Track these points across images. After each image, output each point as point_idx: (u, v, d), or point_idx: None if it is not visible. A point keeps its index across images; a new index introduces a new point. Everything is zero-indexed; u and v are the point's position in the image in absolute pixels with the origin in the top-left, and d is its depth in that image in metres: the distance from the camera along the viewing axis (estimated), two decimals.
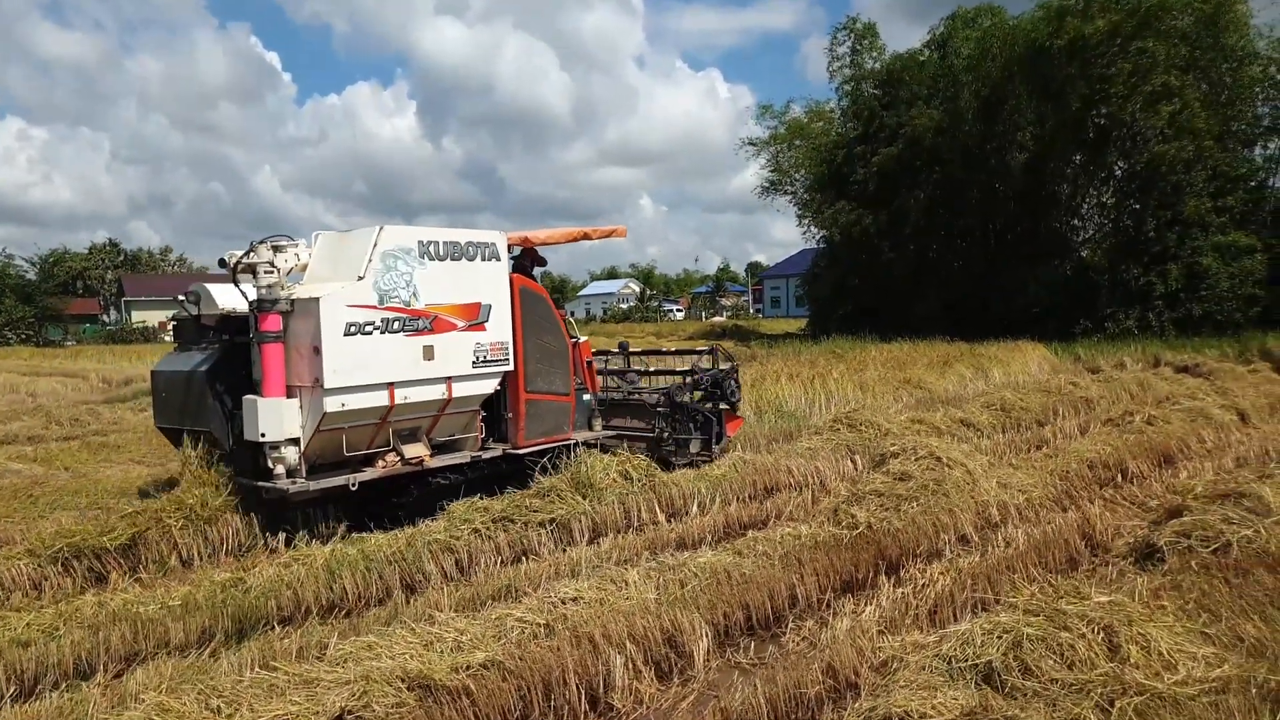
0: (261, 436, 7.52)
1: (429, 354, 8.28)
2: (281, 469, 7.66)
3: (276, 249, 7.82)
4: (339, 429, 7.84)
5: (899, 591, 6.37)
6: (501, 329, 8.96)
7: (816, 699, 4.65)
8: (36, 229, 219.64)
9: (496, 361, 8.91)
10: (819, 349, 26.41)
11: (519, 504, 8.10)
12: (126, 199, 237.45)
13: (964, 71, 37.71)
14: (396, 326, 7.99)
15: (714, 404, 11.60)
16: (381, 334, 7.87)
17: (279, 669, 4.66)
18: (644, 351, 14.23)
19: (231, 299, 8.13)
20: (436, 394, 8.43)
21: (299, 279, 8.26)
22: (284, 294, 7.70)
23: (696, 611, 5.62)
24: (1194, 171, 30.61)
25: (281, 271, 7.79)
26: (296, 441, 7.72)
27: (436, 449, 8.82)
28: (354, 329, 7.66)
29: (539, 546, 7.65)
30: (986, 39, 36.48)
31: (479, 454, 9.06)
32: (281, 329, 7.65)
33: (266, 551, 7.78)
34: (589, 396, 10.48)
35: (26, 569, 6.85)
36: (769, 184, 48.63)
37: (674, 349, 15.10)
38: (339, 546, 7.36)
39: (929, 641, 4.77)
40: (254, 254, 7.72)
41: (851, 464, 10.69)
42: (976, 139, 36.50)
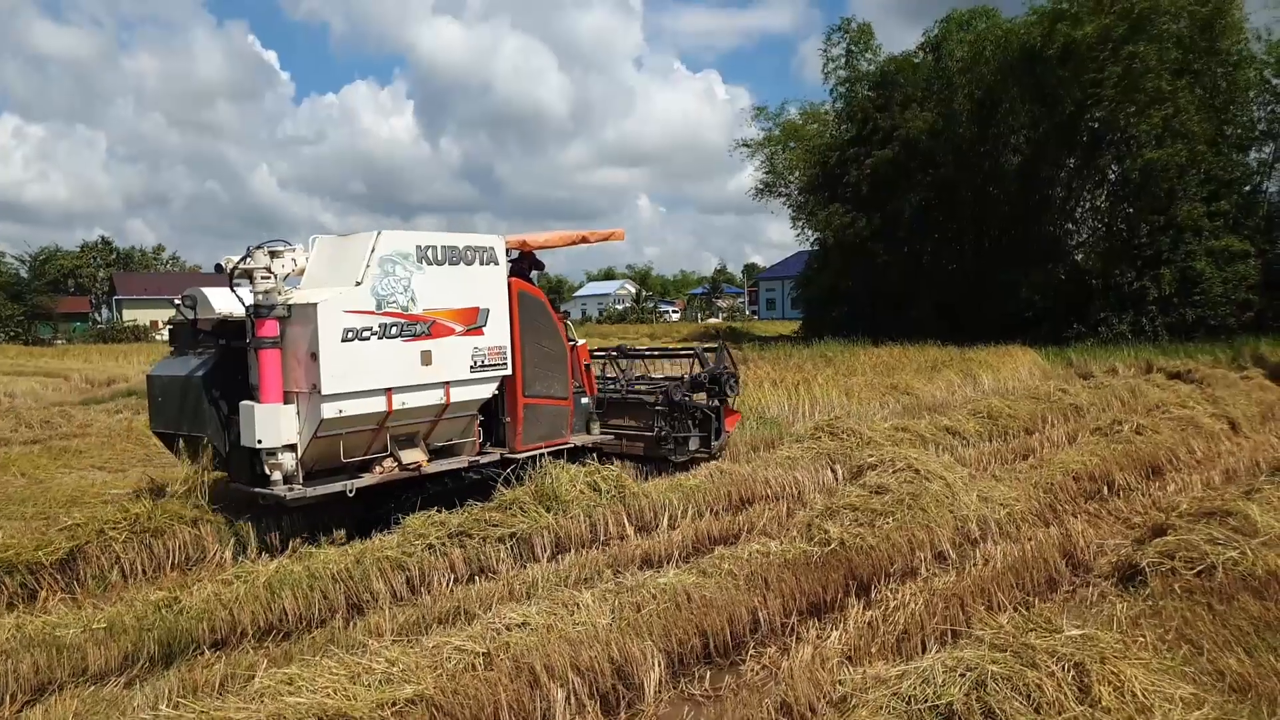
0: (258, 443, 7.44)
1: (427, 359, 8.20)
2: (279, 475, 7.58)
3: (273, 254, 7.75)
4: (336, 435, 7.76)
5: (869, 615, 6.06)
6: (499, 333, 8.89)
7: None
8: (33, 227, 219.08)
9: (494, 366, 8.85)
10: (809, 352, 26.08)
11: (478, 518, 7.77)
12: (123, 197, 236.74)
13: (958, 74, 37.39)
14: (394, 332, 7.92)
15: (712, 400, 11.57)
16: (379, 339, 7.81)
17: (184, 705, 4.32)
18: (647, 351, 14.06)
19: (228, 303, 8.03)
20: (434, 399, 8.35)
21: (296, 284, 8.19)
22: (281, 299, 7.63)
23: (650, 638, 5.30)
24: (1187, 176, 30.33)
25: (278, 276, 7.72)
26: (294, 448, 7.64)
27: (434, 454, 8.77)
28: (351, 334, 7.60)
29: (497, 564, 7.33)
30: (980, 42, 36.16)
31: (476, 458, 8.98)
32: (279, 334, 7.56)
33: (213, 565, 7.46)
34: (587, 400, 10.41)
35: None
36: (763, 186, 48.32)
37: (679, 346, 14.84)
38: (284, 563, 7.02)
39: (891, 675, 4.45)
40: (250, 259, 7.63)
41: (831, 474, 10.40)
42: (970, 142, 36.21)
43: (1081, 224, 37.16)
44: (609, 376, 12.51)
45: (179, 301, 8.47)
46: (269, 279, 7.59)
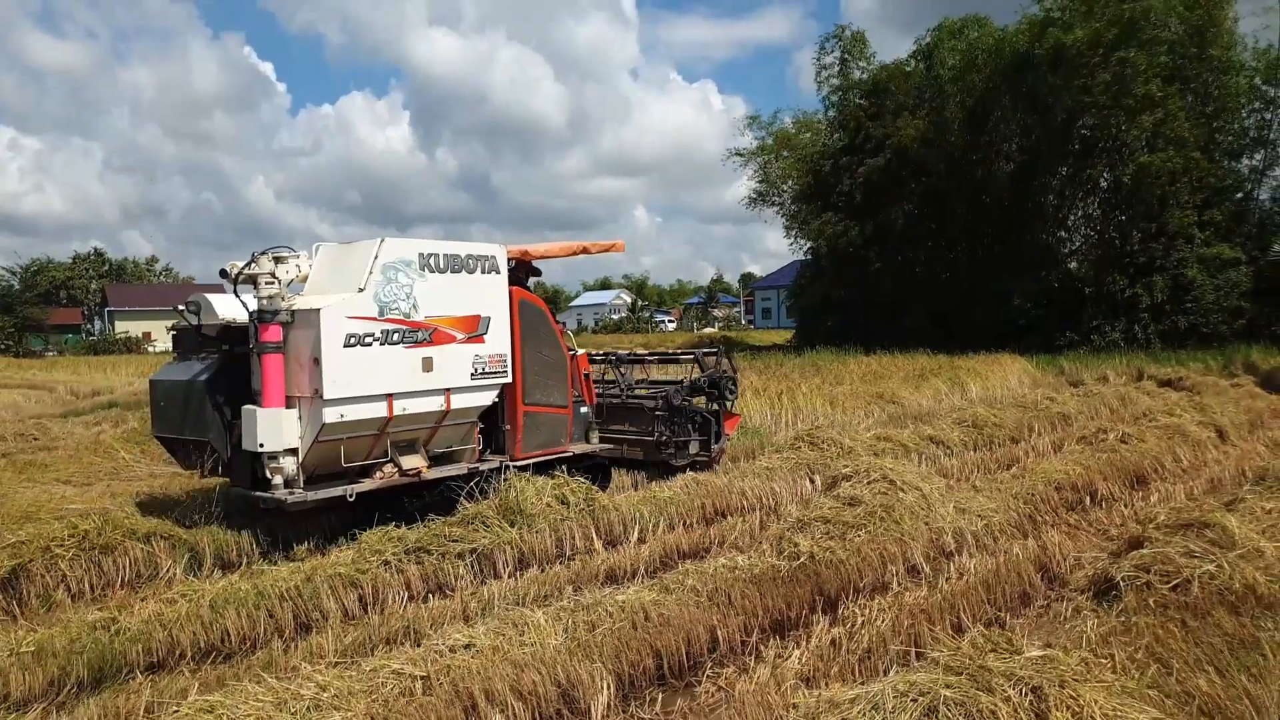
0: (260, 447, 7.47)
1: (428, 366, 8.24)
2: (280, 479, 7.59)
3: (278, 260, 7.78)
4: (338, 440, 7.77)
5: (834, 632, 5.85)
6: (500, 341, 8.93)
7: None
8: (29, 239, 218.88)
9: (495, 373, 8.87)
10: (800, 361, 25.91)
11: (438, 533, 7.55)
12: (119, 208, 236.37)
13: (950, 82, 37.30)
14: (396, 338, 7.95)
15: (711, 404, 11.58)
16: (381, 345, 7.83)
17: None
18: (647, 355, 13.91)
19: (232, 309, 8.06)
20: (435, 405, 8.39)
21: (299, 290, 8.22)
22: (285, 305, 7.65)
23: (600, 660, 5.09)
24: (1179, 183, 30.21)
25: (282, 282, 7.73)
26: (295, 452, 7.65)
27: (434, 460, 8.74)
28: (354, 340, 7.62)
29: (455, 581, 7.10)
30: (973, 50, 36.11)
31: (476, 465, 8.95)
32: (282, 340, 7.58)
33: (163, 583, 7.24)
34: (586, 409, 10.39)
35: None
36: (757, 195, 48.23)
37: (678, 347, 14.69)
38: (233, 580, 6.81)
39: (844, 700, 4.23)
40: (255, 264, 7.64)
41: (810, 485, 10.20)
42: (963, 150, 36.11)
43: (1074, 232, 37.02)
44: (608, 380, 12.45)
45: (183, 307, 8.50)
46: (273, 284, 7.60)
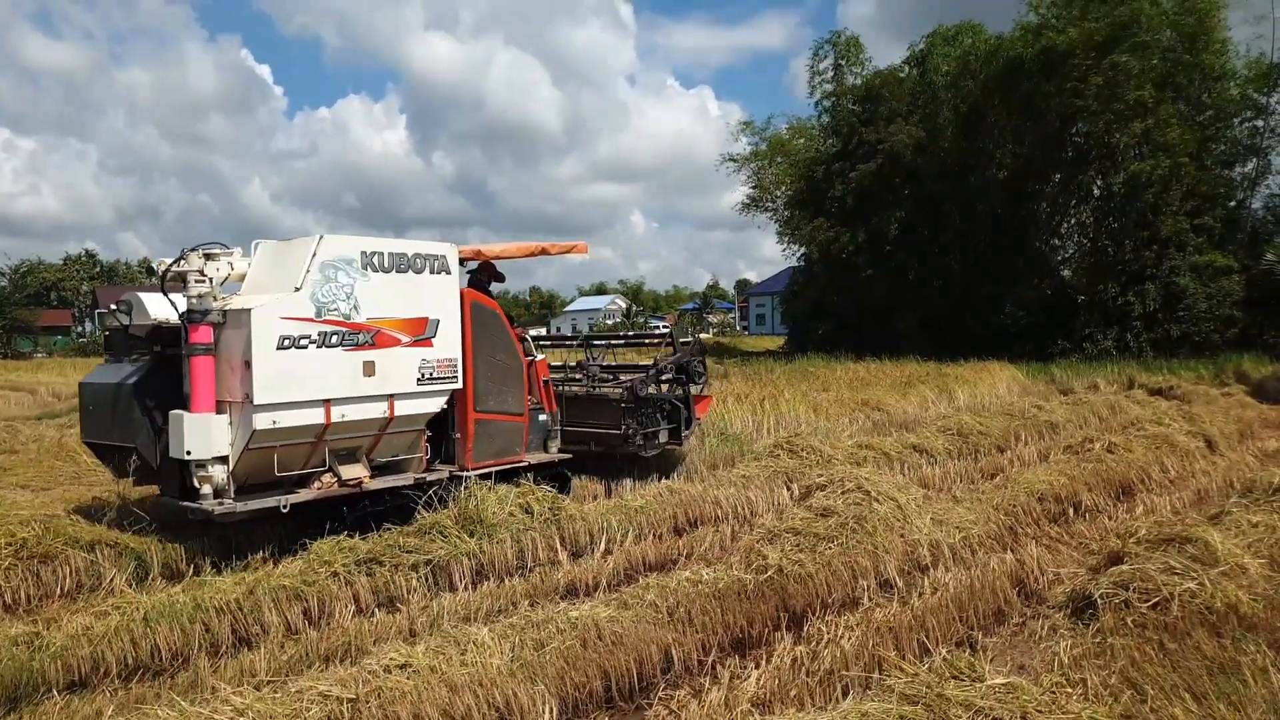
0: (187, 454, 7.09)
1: (369, 370, 7.84)
2: (208, 489, 7.23)
3: (208, 257, 7.41)
4: (270, 447, 7.38)
5: (797, 651, 5.55)
6: (450, 345, 8.51)
7: None
8: (24, 240, 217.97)
9: (444, 379, 8.46)
10: (789, 368, 25.63)
11: (392, 543, 7.25)
12: (115, 210, 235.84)
13: (944, 88, 37.13)
14: (335, 340, 7.57)
15: (681, 388, 11.27)
16: (318, 348, 7.45)
17: None
18: (606, 335, 13.68)
19: (164, 309, 7.68)
20: (377, 412, 7.98)
21: (238, 289, 7.88)
22: (217, 305, 7.30)
23: (543, 681, 4.80)
24: (1171, 190, 30.00)
25: (214, 281, 7.36)
26: (225, 460, 7.28)
27: (378, 470, 8.36)
28: (288, 342, 7.24)
29: (408, 594, 6.80)
30: (966, 56, 35.91)
31: (424, 476, 8.54)
32: (212, 341, 7.22)
33: (105, 594, 6.93)
34: (545, 416, 10.00)
35: None
36: (750, 201, 47.99)
37: (632, 333, 14.40)
38: (172, 592, 6.50)
39: None
40: (184, 262, 7.29)
41: (787, 493, 9.94)
42: (956, 156, 35.86)
43: (1067, 239, 36.79)
44: (573, 365, 12.23)
45: (114, 307, 8.14)
46: (203, 283, 7.24)
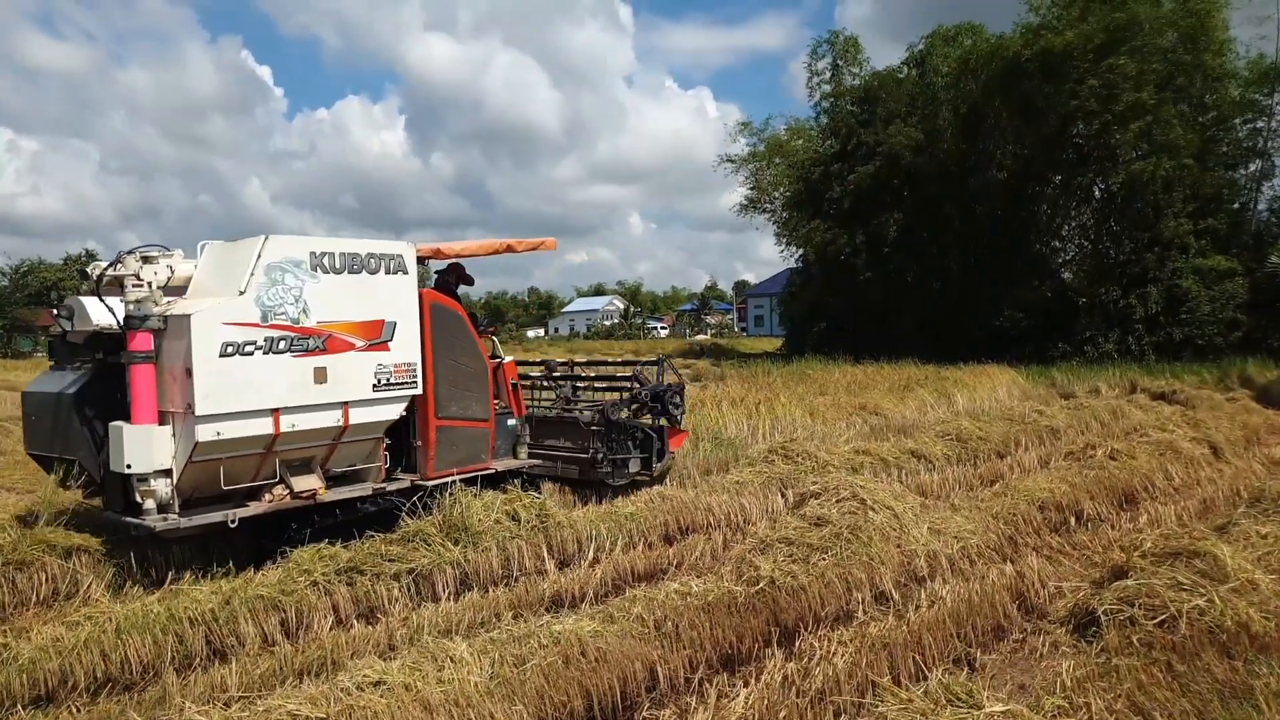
0: (128, 468, 6.72)
1: (321, 376, 7.43)
2: (151, 503, 6.85)
3: (146, 260, 7.01)
4: (215, 459, 6.99)
5: (788, 668, 5.33)
6: (408, 349, 8.11)
7: None
8: (26, 240, 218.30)
9: (402, 384, 8.06)
10: (786, 370, 25.42)
11: (374, 552, 7.04)
12: (116, 209, 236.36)
13: (943, 89, 36.95)
14: (282, 346, 7.18)
15: (655, 419, 10.86)
16: (265, 354, 7.07)
17: None
18: (584, 363, 13.36)
19: (105, 315, 7.31)
20: (330, 420, 7.57)
21: (183, 294, 7.47)
22: (157, 310, 6.92)
23: (521, 701, 4.59)
24: (1173, 192, 29.79)
25: (153, 285, 6.99)
26: (168, 473, 6.91)
27: (334, 480, 7.95)
28: (232, 349, 6.87)
29: (390, 604, 6.60)
30: (966, 56, 35.71)
31: (383, 485, 8.18)
32: (153, 349, 6.86)
33: (80, 602, 6.72)
34: (514, 421, 9.61)
35: None
36: (748, 202, 47.77)
37: (616, 360, 14.08)
38: (147, 602, 6.29)
39: None
40: (121, 265, 6.93)
41: (782, 500, 9.73)
42: (955, 158, 35.69)
43: (1068, 241, 36.58)
44: (547, 381, 11.80)
45: (55, 312, 7.76)
46: (140, 287, 6.89)
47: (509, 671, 4.91)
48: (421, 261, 8.79)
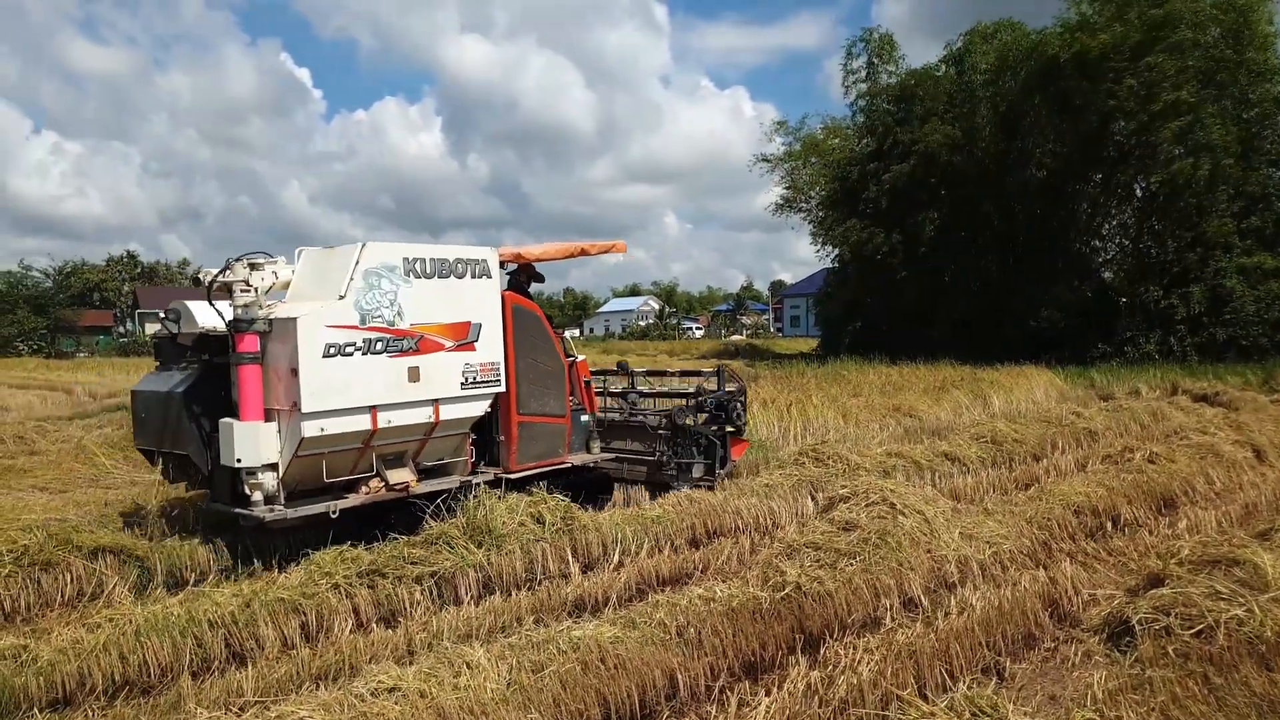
0: (238, 462, 7.15)
1: (414, 375, 7.84)
2: (259, 495, 7.27)
3: (253, 267, 7.41)
4: (318, 454, 7.40)
5: (812, 676, 5.22)
6: (492, 349, 8.52)
7: None
8: (70, 241, 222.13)
9: (487, 382, 8.47)
10: (821, 371, 25.22)
11: (396, 554, 7.01)
12: (157, 212, 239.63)
13: (981, 87, 36.50)
14: (380, 347, 7.58)
15: (719, 427, 10.92)
16: (364, 355, 7.47)
17: None
18: (647, 372, 13.40)
19: (211, 318, 7.67)
20: (423, 417, 8.00)
21: (282, 297, 7.87)
22: (262, 313, 7.27)
23: (537, 709, 4.52)
24: (1216, 190, 29.19)
25: (259, 290, 7.38)
26: (275, 467, 7.31)
27: (424, 473, 8.36)
28: (334, 350, 7.26)
29: (411, 608, 6.56)
30: (1005, 53, 35.24)
31: (469, 478, 8.52)
32: (259, 350, 7.22)
33: (103, 604, 6.76)
34: (587, 418, 9.95)
35: None
36: (784, 202, 47.58)
37: (678, 370, 14.09)
38: (168, 604, 6.29)
39: None
40: (230, 272, 7.34)
41: (812, 504, 9.58)
42: (994, 156, 35.23)
43: (1108, 241, 36.02)
44: (613, 390, 12.00)
45: (164, 315, 8.15)
46: (248, 292, 7.26)
47: (526, 678, 4.83)
48: (503, 265, 9.08)
